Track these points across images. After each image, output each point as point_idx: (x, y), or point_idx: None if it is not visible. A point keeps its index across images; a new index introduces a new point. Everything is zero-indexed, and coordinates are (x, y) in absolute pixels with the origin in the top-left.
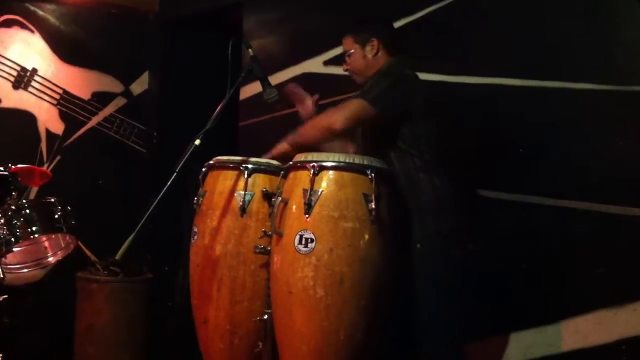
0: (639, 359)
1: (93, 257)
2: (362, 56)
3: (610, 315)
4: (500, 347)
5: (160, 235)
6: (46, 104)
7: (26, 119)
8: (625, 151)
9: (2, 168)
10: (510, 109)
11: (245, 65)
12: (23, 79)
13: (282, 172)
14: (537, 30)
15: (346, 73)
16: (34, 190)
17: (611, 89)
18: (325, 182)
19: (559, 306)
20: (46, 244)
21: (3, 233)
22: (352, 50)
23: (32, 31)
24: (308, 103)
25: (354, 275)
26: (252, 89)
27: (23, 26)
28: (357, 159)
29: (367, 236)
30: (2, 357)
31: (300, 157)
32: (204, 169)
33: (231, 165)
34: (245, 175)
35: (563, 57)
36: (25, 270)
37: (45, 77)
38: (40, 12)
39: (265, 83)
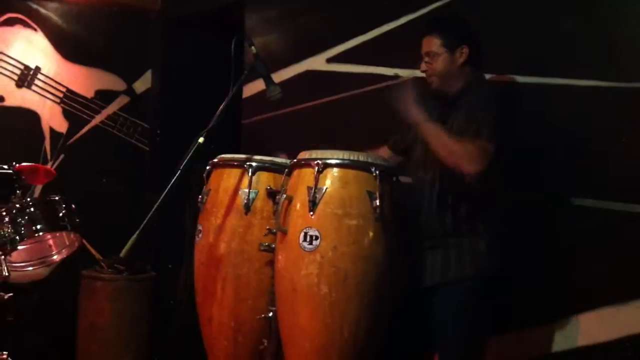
0: None
1: (97, 255)
2: (449, 62)
3: (613, 312)
4: (503, 345)
5: (164, 234)
6: (50, 103)
7: (30, 117)
8: (627, 147)
9: (6, 166)
10: (511, 105)
11: (248, 63)
12: (26, 77)
13: (286, 169)
14: (538, 26)
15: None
16: (38, 189)
17: (614, 85)
18: (330, 180)
19: (563, 303)
20: (51, 242)
21: (8, 231)
22: (437, 54)
23: (35, 29)
24: None
25: (358, 273)
26: (255, 86)
27: (26, 24)
28: (362, 157)
29: (371, 233)
30: (7, 355)
31: (304, 154)
32: (208, 167)
33: (235, 163)
34: (250, 173)
35: (564, 53)
36: (30, 268)
37: (48, 75)
38: (43, 11)
39: (268, 81)
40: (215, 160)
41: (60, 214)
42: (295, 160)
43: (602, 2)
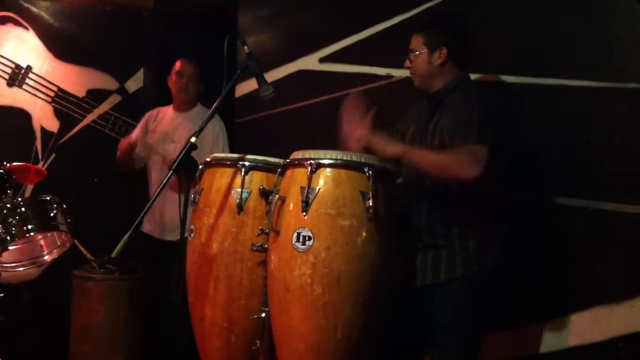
0: (635, 356)
1: (89, 255)
2: (428, 61)
3: (607, 312)
4: (496, 345)
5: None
6: (41, 102)
7: (21, 116)
8: (621, 148)
9: None
10: (505, 105)
11: (240, 62)
12: (17, 76)
13: (279, 169)
14: (534, 27)
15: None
16: (29, 188)
17: (608, 86)
18: (323, 180)
19: (556, 303)
20: (42, 242)
21: None
22: (418, 52)
23: (26, 28)
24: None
25: (351, 273)
26: (248, 86)
27: (17, 23)
28: (355, 157)
29: (364, 234)
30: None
31: (297, 154)
32: (201, 166)
33: (228, 163)
34: (242, 173)
35: (560, 54)
36: (21, 268)
37: (39, 74)
38: (35, 9)
39: (261, 80)
40: (208, 159)
41: (52, 214)
42: (288, 160)
43: (597, 2)
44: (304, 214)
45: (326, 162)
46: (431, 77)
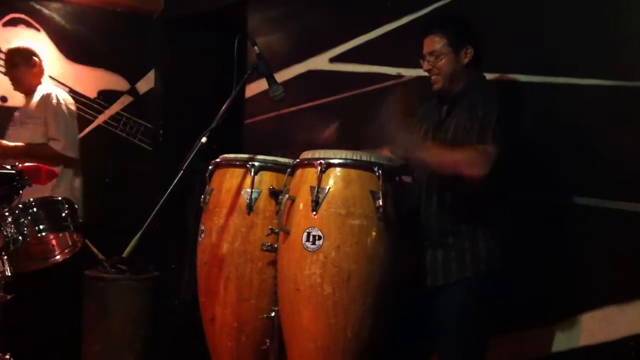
0: None
1: (100, 256)
2: (455, 62)
3: (617, 311)
4: (507, 346)
5: (167, 234)
6: None
7: None
8: (633, 147)
9: (9, 167)
10: (514, 104)
11: (250, 62)
12: None
13: (288, 169)
14: (540, 25)
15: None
16: None
17: (617, 84)
18: (333, 180)
19: (566, 303)
20: (53, 242)
21: (10, 232)
22: (442, 53)
23: (38, 30)
24: None
25: (361, 273)
26: (257, 86)
27: (29, 25)
28: (364, 156)
29: (374, 233)
30: (10, 356)
31: (307, 154)
32: (210, 167)
33: (238, 163)
34: (252, 173)
35: (567, 52)
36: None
37: (51, 75)
38: (46, 11)
39: (271, 80)
40: (218, 160)
41: (63, 214)
42: (298, 159)
43: (607, 0)
44: (314, 213)
45: (336, 161)
46: (454, 78)
